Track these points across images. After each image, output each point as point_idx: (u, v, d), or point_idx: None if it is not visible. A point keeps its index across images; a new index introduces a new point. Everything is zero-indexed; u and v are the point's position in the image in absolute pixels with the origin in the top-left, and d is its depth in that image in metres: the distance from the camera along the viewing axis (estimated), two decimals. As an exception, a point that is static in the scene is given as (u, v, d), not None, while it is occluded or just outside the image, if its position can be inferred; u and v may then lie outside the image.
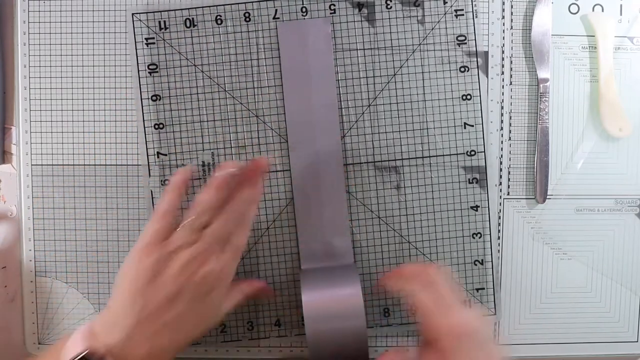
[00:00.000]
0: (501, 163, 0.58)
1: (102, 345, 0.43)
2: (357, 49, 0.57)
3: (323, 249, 0.56)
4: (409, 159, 0.57)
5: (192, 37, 0.57)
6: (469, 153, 0.57)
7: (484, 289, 0.58)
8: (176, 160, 0.57)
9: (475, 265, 0.58)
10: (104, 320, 0.46)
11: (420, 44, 0.57)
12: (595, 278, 0.59)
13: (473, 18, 0.56)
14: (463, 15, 0.56)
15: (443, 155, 0.57)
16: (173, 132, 0.57)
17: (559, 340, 0.59)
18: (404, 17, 0.56)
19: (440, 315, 0.46)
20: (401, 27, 0.56)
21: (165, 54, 0.57)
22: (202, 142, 0.57)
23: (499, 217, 0.58)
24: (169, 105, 0.57)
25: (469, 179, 0.57)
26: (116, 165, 0.58)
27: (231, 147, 0.57)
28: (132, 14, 0.57)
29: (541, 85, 0.57)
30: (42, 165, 0.58)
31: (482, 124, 0.57)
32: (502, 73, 0.58)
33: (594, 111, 0.58)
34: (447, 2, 0.56)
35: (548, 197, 0.58)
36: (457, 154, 0.57)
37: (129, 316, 0.44)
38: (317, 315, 0.49)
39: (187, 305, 0.46)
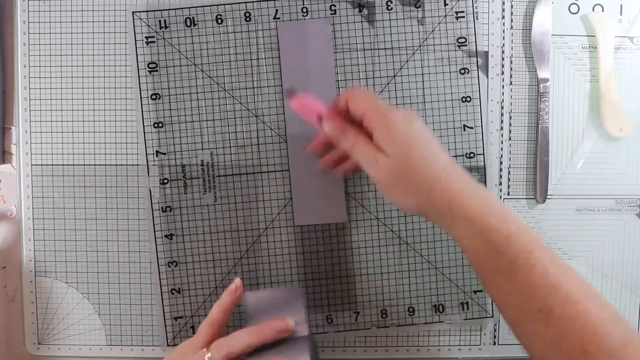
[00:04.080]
0: (501, 163, 0.58)
1: None
2: (357, 50, 0.56)
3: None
4: (408, 160, 0.57)
5: (192, 36, 0.57)
6: (468, 155, 0.57)
7: (482, 290, 0.58)
8: (175, 159, 0.57)
9: (475, 265, 0.57)
10: None
11: (420, 46, 0.56)
12: (595, 278, 0.59)
13: (474, 20, 0.56)
14: (464, 17, 0.56)
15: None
16: (172, 131, 0.57)
17: (558, 340, 0.59)
18: (404, 18, 0.56)
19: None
20: (402, 29, 0.56)
21: (165, 52, 0.57)
22: (202, 142, 0.57)
23: (499, 217, 0.58)
24: (169, 104, 0.57)
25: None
26: (116, 165, 0.58)
27: (230, 147, 0.57)
28: (133, 12, 0.57)
29: (541, 85, 0.57)
30: (42, 165, 0.58)
31: (482, 126, 0.57)
32: (502, 73, 0.57)
33: (594, 111, 0.58)
34: (447, 4, 0.56)
35: (548, 197, 0.58)
36: (456, 156, 0.57)
37: None
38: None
39: None
